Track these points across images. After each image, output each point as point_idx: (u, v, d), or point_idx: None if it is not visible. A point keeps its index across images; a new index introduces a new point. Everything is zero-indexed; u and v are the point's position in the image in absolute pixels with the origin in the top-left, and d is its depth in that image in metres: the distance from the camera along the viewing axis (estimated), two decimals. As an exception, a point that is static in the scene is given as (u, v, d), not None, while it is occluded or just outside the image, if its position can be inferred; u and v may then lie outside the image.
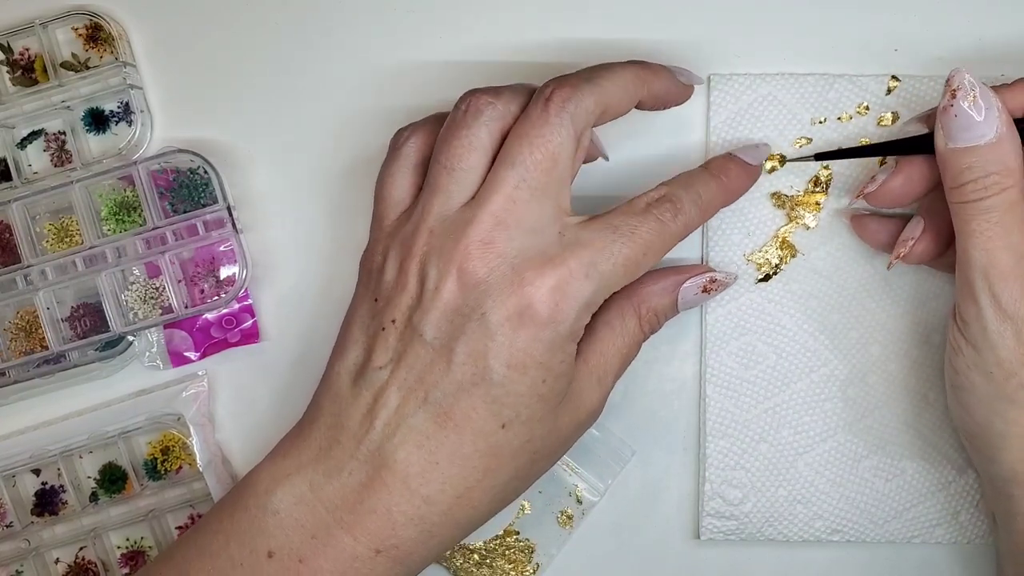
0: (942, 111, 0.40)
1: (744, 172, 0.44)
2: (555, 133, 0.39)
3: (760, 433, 0.48)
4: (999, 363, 0.40)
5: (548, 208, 0.39)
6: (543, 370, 0.39)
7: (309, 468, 0.40)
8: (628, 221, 0.40)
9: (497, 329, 0.38)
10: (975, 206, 0.40)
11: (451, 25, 0.49)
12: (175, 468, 0.50)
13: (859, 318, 0.48)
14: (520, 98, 0.40)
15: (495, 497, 0.41)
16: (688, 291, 0.44)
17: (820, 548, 0.49)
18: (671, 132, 0.48)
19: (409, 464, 0.39)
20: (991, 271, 0.40)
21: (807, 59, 0.48)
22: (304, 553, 0.39)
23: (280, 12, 0.50)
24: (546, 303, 0.38)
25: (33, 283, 0.48)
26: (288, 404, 0.50)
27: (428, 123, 0.43)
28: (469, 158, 0.40)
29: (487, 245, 0.39)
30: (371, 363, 0.40)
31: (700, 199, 0.42)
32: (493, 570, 0.50)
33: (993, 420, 0.41)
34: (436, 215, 0.40)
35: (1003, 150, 0.39)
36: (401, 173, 0.42)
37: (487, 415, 0.39)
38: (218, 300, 0.48)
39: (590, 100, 0.40)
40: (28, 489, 0.50)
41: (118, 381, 0.50)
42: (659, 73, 0.42)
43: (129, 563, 0.50)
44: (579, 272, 0.39)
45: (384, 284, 0.40)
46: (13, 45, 0.49)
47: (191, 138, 0.49)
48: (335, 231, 0.50)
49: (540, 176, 0.39)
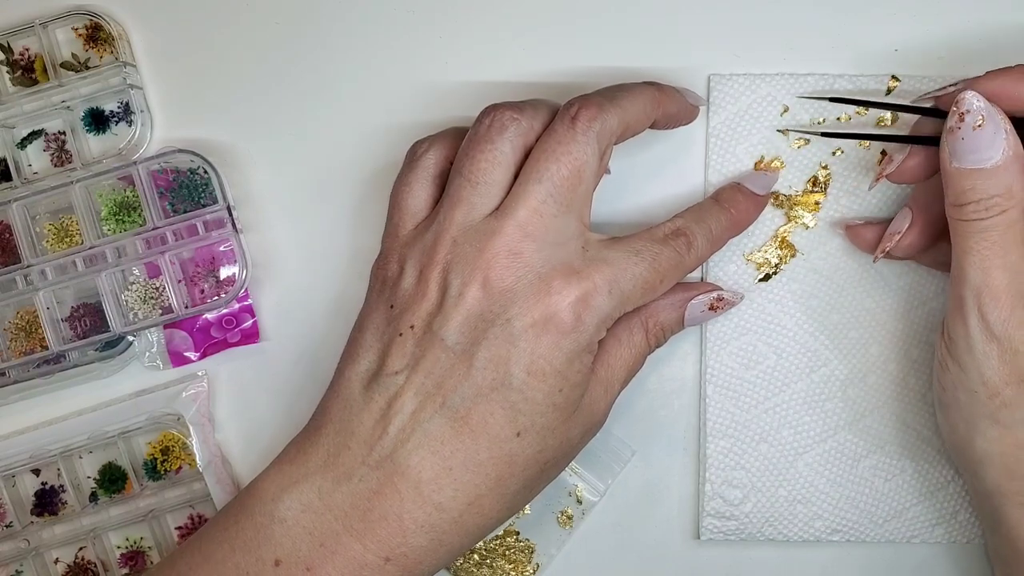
0: (949, 132, 0.40)
1: (752, 204, 0.46)
2: (582, 150, 0.40)
3: (760, 433, 0.49)
4: (984, 382, 0.40)
5: (572, 223, 0.40)
6: (560, 379, 0.39)
7: (317, 475, 0.40)
8: (649, 248, 0.41)
9: (520, 335, 0.39)
10: (975, 225, 0.40)
11: (451, 26, 0.49)
12: (175, 468, 0.50)
13: (859, 318, 0.48)
14: (542, 115, 0.41)
15: (504, 506, 0.41)
16: (695, 307, 0.45)
17: (820, 548, 0.49)
18: (670, 132, 0.48)
19: (423, 470, 0.39)
20: (984, 290, 0.40)
21: (807, 59, 0.48)
22: (312, 561, 0.39)
23: (280, 12, 0.50)
24: (570, 313, 0.39)
25: (33, 283, 0.48)
26: (288, 404, 0.50)
27: (447, 136, 0.43)
28: (493, 172, 0.40)
29: (515, 255, 0.39)
30: (385, 368, 0.40)
31: (711, 234, 0.43)
32: (493, 570, 0.50)
33: (975, 437, 0.42)
34: (459, 225, 0.40)
35: (1008, 173, 0.39)
36: (419, 184, 0.42)
37: (504, 422, 0.39)
38: (218, 300, 0.48)
39: (614, 120, 0.41)
40: (28, 489, 0.50)
41: (118, 381, 0.50)
42: (672, 95, 0.44)
43: (129, 563, 0.50)
44: (603, 287, 0.40)
45: (401, 291, 0.41)
46: (13, 45, 0.49)
47: (191, 138, 0.49)
48: (335, 231, 0.50)
49: (566, 192, 0.40)
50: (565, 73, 0.48)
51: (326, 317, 0.50)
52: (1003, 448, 0.41)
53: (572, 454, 0.43)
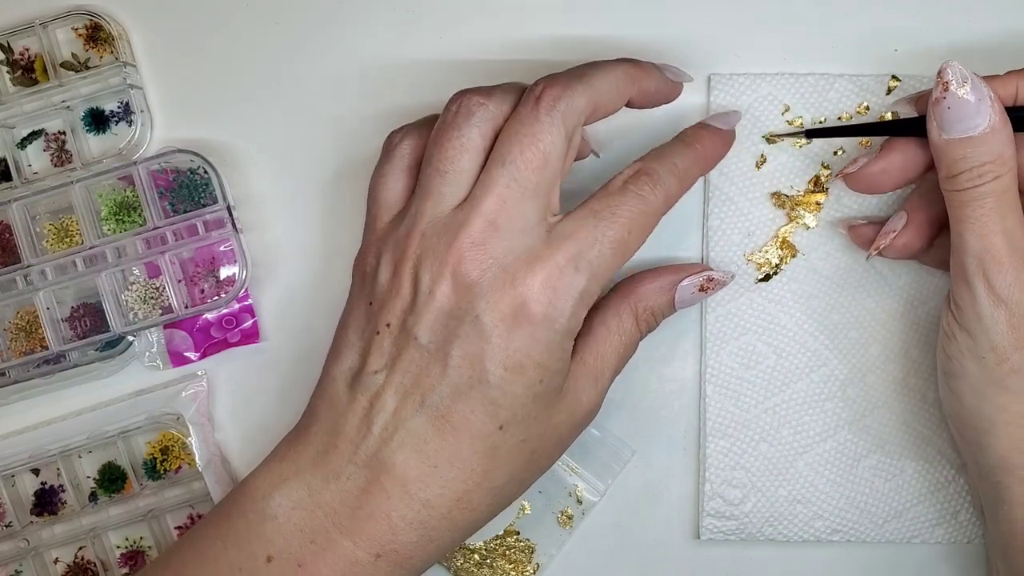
0: (935, 103, 0.40)
1: (718, 138, 0.44)
2: (546, 132, 0.39)
3: (760, 433, 0.48)
4: (992, 348, 0.41)
5: (539, 207, 0.39)
6: (540, 369, 0.39)
7: (307, 473, 0.40)
8: (607, 203, 0.40)
9: (492, 331, 0.38)
10: (969, 193, 0.40)
11: (451, 26, 0.49)
12: (174, 468, 0.50)
13: (859, 318, 0.48)
14: (511, 98, 0.40)
15: (494, 499, 0.41)
16: (685, 290, 0.44)
17: (820, 548, 0.49)
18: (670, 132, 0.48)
19: (408, 468, 0.39)
20: (985, 256, 0.40)
21: (807, 59, 0.48)
22: (304, 558, 0.39)
23: (280, 12, 0.50)
24: (539, 301, 0.38)
25: (33, 283, 0.48)
26: (288, 404, 0.50)
27: (421, 125, 0.43)
28: (461, 160, 0.39)
29: (478, 247, 0.38)
30: (367, 367, 0.40)
31: (676, 168, 0.41)
32: (493, 570, 0.50)
33: (983, 406, 0.42)
34: (429, 218, 0.40)
35: (996, 139, 0.40)
36: (394, 176, 0.42)
37: (485, 417, 0.39)
38: (218, 300, 0.48)
39: (581, 99, 0.39)
40: (27, 489, 0.50)
41: (118, 381, 0.50)
42: (649, 71, 0.42)
43: (128, 563, 0.50)
44: (568, 266, 0.39)
45: (378, 287, 0.40)
46: (13, 45, 0.49)
47: (191, 138, 0.49)
48: (335, 231, 0.50)
49: (531, 175, 0.39)
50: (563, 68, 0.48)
51: (326, 317, 0.49)
52: (1009, 417, 0.41)
53: (562, 444, 0.42)
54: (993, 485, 0.42)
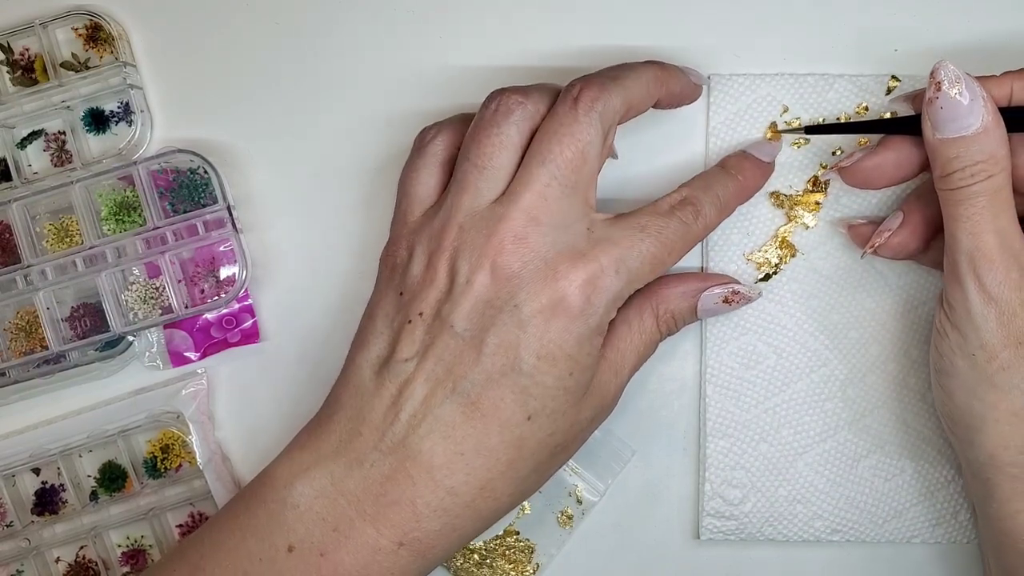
0: (928, 103, 0.41)
1: (759, 170, 0.46)
2: (584, 131, 0.40)
3: (760, 433, 0.49)
4: (982, 345, 0.41)
5: (577, 204, 0.40)
6: (571, 362, 0.40)
7: (330, 461, 0.40)
8: (655, 222, 0.41)
9: (530, 320, 0.39)
10: (962, 192, 0.40)
11: (451, 26, 0.49)
12: (175, 466, 0.50)
13: (859, 318, 0.48)
14: (547, 98, 0.41)
15: (516, 489, 0.41)
16: (709, 299, 0.45)
17: (820, 548, 0.49)
18: (671, 132, 0.48)
19: (434, 455, 0.39)
20: (977, 254, 0.40)
21: (807, 59, 0.48)
22: (326, 546, 0.39)
23: (280, 12, 0.50)
24: (579, 296, 0.39)
25: (33, 283, 0.48)
26: (288, 404, 0.50)
27: (454, 122, 0.43)
28: (499, 156, 0.40)
29: (520, 240, 0.39)
30: (396, 355, 0.40)
31: (719, 200, 0.43)
32: (493, 570, 0.50)
33: (973, 403, 0.42)
34: (466, 211, 0.40)
35: (989, 139, 0.40)
36: (427, 170, 0.43)
37: (514, 406, 0.39)
38: (218, 300, 0.48)
39: (616, 99, 0.41)
40: (28, 488, 0.50)
41: (118, 381, 0.50)
42: (675, 73, 0.44)
43: (130, 562, 0.50)
44: (610, 268, 0.40)
45: (410, 278, 0.41)
46: (13, 45, 0.49)
47: (191, 138, 0.49)
48: (335, 231, 0.50)
49: (570, 173, 0.40)
50: (567, 71, 0.48)
51: (326, 317, 0.50)
52: (998, 415, 0.41)
53: (582, 437, 0.43)
54: (983, 482, 0.43)
